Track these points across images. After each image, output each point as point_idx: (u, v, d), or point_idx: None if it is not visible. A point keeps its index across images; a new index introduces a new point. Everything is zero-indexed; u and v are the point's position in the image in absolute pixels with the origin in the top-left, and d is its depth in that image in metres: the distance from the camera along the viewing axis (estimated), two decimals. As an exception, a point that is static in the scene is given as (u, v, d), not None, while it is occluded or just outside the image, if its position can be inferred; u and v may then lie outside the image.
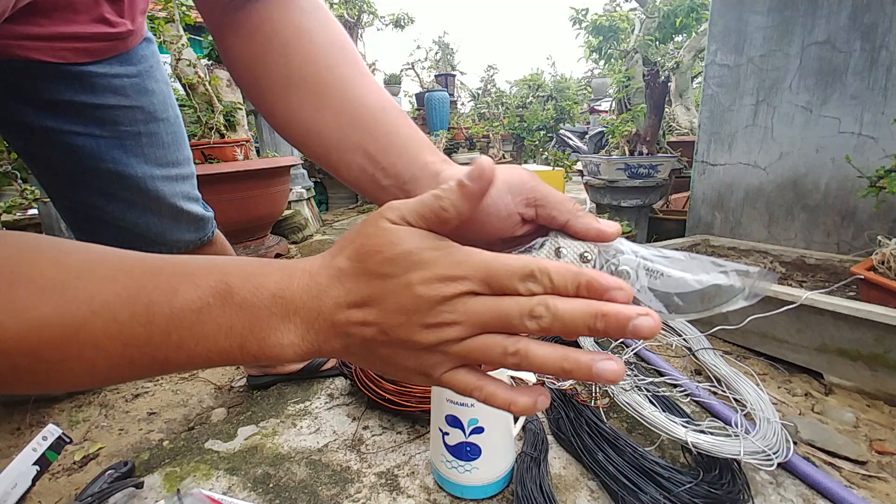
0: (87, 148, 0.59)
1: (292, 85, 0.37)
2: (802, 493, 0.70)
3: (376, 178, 0.35)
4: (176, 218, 0.71)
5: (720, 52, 1.54)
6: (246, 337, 0.26)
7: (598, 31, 2.35)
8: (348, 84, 0.36)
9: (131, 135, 0.62)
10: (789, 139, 1.40)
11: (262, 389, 1.02)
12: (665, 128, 2.44)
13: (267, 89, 0.38)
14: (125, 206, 0.65)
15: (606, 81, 5.04)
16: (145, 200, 0.66)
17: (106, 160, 0.60)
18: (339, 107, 0.35)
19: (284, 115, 0.38)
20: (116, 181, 0.62)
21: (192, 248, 0.77)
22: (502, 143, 4.73)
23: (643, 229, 1.90)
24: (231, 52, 0.40)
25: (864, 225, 1.27)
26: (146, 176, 0.64)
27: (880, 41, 1.20)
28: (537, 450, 0.78)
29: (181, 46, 1.82)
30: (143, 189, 0.65)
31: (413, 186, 0.33)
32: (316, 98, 0.36)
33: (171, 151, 0.68)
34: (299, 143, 0.38)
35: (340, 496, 0.73)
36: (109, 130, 0.60)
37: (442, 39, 5.39)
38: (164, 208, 0.69)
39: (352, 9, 4.07)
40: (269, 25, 0.38)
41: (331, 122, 0.36)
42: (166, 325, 0.25)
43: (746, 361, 1.09)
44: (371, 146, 0.34)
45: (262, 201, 1.92)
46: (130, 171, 0.62)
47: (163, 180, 0.67)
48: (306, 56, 0.37)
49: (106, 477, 0.73)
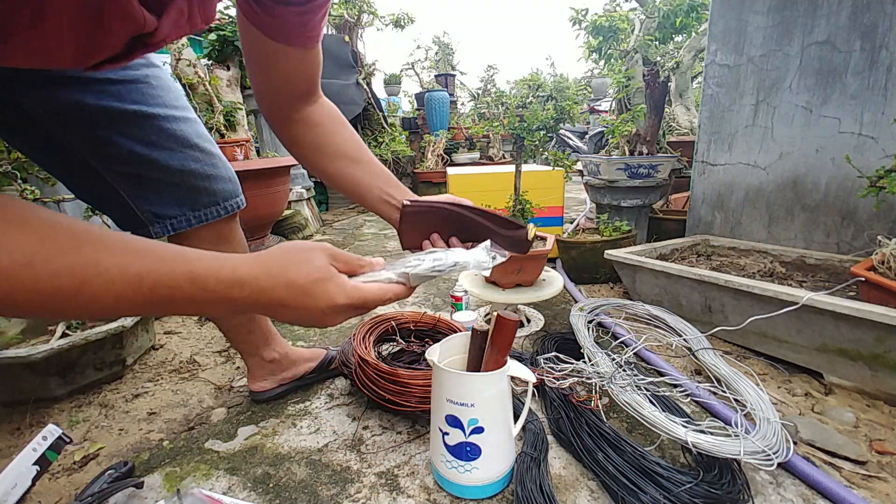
0: (110, 92, 0.65)
1: (340, 157, 0.66)
2: (802, 493, 0.70)
3: (386, 200, 0.67)
4: (213, 161, 0.78)
5: (720, 52, 1.54)
6: (209, 312, 0.41)
7: (597, 32, 2.35)
8: (373, 162, 0.68)
9: (141, 78, 0.68)
10: (789, 139, 1.40)
11: (266, 403, 1.00)
12: (665, 128, 2.44)
13: (319, 157, 0.66)
14: (167, 154, 0.71)
15: (606, 81, 5.04)
16: (178, 145, 0.72)
17: (128, 102, 0.66)
18: (370, 172, 0.67)
19: (333, 171, 0.66)
20: (145, 124, 0.69)
21: (237, 204, 0.85)
22: (502, 143, 4.74)
23: (643, 229, 1.90)
24: (295, 137, 0.65)
25: (864, 225, 1.27)
26: (167, 116, 0.71)
27: (880, 41, 1.20)
28: (537, 450, 0.78)
29: (181, 46, 1.82)
30: (170, 131, 0.71)
31: (399, 197, 0.67)
32: (356, 165, 0.67)
33: (179, 96, 0.75)
34: (334, 183, 0.67)
35: (340, 496, 0.73)
36: (122, 74, 0.66)
37: (442, 39, 5.39)
38: (197, 150, 0.75)
39: (352, 9, 4.07)
40: (321, 126, 0.65)
41: (364, 177, 0.67)
42: (149, 293, 0.35)
43: (746, 361, 1.09)
44: (386, 188, 0.67)
45: (262, 201, 1.92)
46: (152, 110, 0.69)
47: (183, 122, 0.73)
48: (345, 143, 0.67)
49: (106, 477, 0.73)
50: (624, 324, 1.24)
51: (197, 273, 0.36)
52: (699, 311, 1.20)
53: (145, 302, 0.35)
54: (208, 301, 0.38)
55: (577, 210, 3.01)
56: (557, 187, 1.90)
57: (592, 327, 1.17)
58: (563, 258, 1.69)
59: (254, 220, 1.96)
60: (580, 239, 1.64)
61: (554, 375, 0.92)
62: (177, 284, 0.35)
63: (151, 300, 0.35)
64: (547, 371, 0.94)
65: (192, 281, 0.36)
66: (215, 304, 0.39)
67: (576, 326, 1.14)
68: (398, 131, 4.33)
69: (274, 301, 0.41)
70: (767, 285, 1.02)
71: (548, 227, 1.90)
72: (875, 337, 0.87)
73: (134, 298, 0.34)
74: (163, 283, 0.35)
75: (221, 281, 0.38)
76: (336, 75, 3.76)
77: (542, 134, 1.24)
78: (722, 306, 1.14)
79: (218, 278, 0.37)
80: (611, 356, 0.99)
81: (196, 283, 0.36)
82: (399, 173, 4.09)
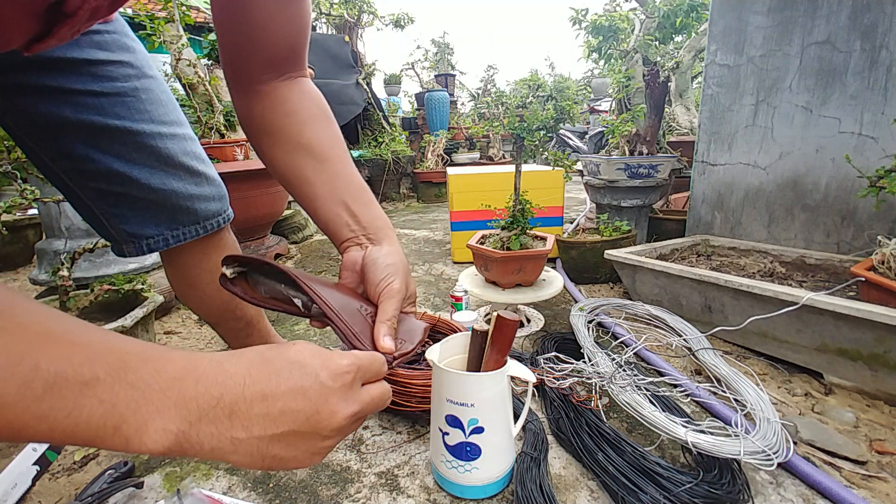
0: (92, 106, 0.60)
1: (301, 149, 0.51)
2: (802, 493, 0.70)
3: (348, 224, 0.50)
4: (197, 181, 0.72)
5: (720, 52, 1.54)
6: (126, 418, 0.26)
7: (597, 32, 2.35)
8: (342, 164, 0.53)
9: (128, 91, 0.63)
10: (789, 139, 1.40)
11: None
12: (665, 128, 2.44)
13: (276, 146, 0.52)
14: (147, 172, 0.65)
15: (606, 81, 5.05)
16: (160, 163, 0.67)
17: (111, 116, 0.61)
18: (333, 174, 0.52)
19: (284, 166, 0.52)
20: (128, 140, 0.63)
21: (220, 222, 0.77)
22: (502, 143, 4.74)
23: (643, 229, 1.90)
24: (252, 111, 0.52)
25: (864, 225, 1.27)
26: (153, 133, 0.65)
27: (880, 41, 1.20)
28: (537, 450, 0.78)
29: (181, 46, 1.82)
30: (154, 149, 0.65)
31: (375, 235, 0.50)
32: (318, 164, 0.51)
33: (171, 110, 0.69)
34: (289, 184, 0.53)
35: (340, 496, 0.73)
36: (108, 86, 0.61)
37: (441, 40, 5.39)
38: (181, 170, 0.69)
39: (352, 9, 4.07)
40: (289, 104, 0.52)
41: (325, 182, 0.51)
42: (42, 392, 0.24)
43: (746, 361, 1.09)
44: (353, 205, 0.51)
45: (262, 201, 1.92)
46: (137, 126, 0.63)
47: (170, 139, 0.67)
48: (315, 135, 0.52)
49: (106, 477, 0.73)
50: (624, 324, 1.24)
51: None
52: (699, 311, 1.20)
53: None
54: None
55: (577, 210, 3.01)
56: (557, 187, 1.90)
57: (592, 327, 1.17)
58: (563, 258, 1.69)
59: (253, 221, 1.96)
60: (580, 239, 1.64)
61: (554, 375, 0.92)
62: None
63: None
64: (547, 371, 0.94)
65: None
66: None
67: (576, 326, 1.14)
68: (398, 131, 4.33)
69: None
70: (767, 285, 1.02)
71: (548, 227, 1.90)
72: (875, 337, 0.87)
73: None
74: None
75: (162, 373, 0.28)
76: (336, 75, 3.76)
77: (542, 134, 1.24)
78: (722, 306, 1.14)
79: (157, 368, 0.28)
80: (611, 356, 0.99)
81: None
82: (399, 173, 4.09)
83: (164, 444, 0.27)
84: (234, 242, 0.83)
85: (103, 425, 0.25)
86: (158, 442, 0.26)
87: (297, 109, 0.52)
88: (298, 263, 2.15)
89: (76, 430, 0.25)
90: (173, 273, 0.78)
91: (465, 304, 1.27)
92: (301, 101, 0.53)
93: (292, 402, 0.30)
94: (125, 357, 0.27)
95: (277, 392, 0.30)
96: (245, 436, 0.29)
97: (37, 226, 2.26)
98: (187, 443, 0.27)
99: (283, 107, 0.52)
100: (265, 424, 0.29)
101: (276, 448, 0.30)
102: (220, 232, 0.79)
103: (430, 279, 1.85)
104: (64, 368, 0.24)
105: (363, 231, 0.50)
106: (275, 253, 2.09)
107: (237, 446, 0.29)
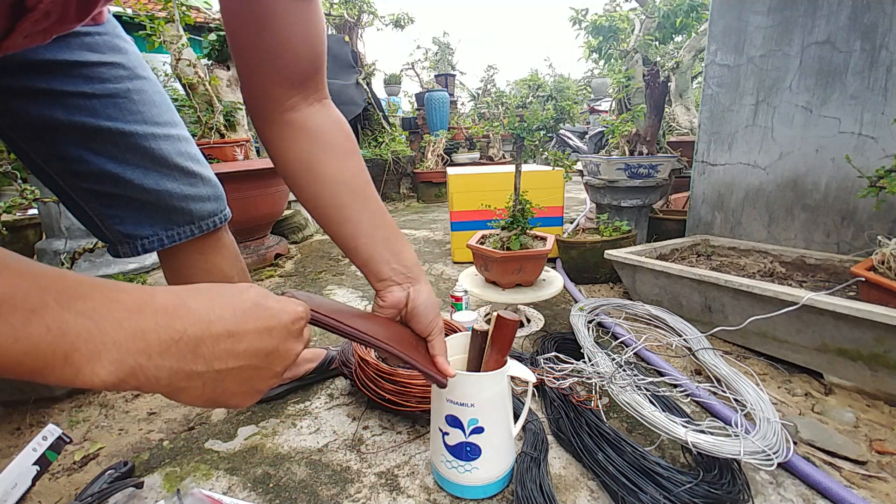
0: (84, 107, 0.59)
1: (343, 186, 0.53)
2: (802, 493, 0.70)
3: (389, 263, 0.54)
4: (192, 182, 0.72)
5: (720, 52, 1.54)
6: (78, 347, 0.25)
7: (597, 32, 2.35)
8: (377, 201, 0.56)
9: (121, 92, 0.62)
10: (789, 139, 1.40)
11: (266, 403, 1.01)
12: (665, 128, 2.44)
13: (316, 182, 0.52)
14: (141, 173, 0.65)
15: (606, 81, 5.04)
16: (154, 164, 0.66)
17: (103, 118, 0.61)
18: (375, 212, 0.54)
19: (326, 203, 0.53)
20: (121, 142, 0.63)
21: (216, 222, 0.77)
22: (502, 143, 4.74)
23: (643, 229, 1.90)
24: (288, 147, 0.52)
25: (864, 225, 1.27)
26: (146, 134, 0.65)
27: (880, 41, 1.20)
28: (537, 450, 0.78)
29: (181, 46, 1.82)
30: (148, 150, 0.65)
31: (413, 274, 0.56)
32: (361, 202, 0.54)
33: (164, 111, 0.68)
34: (327, 220, 0.53)
35: (340, 496, 0.73)
36: (99, 88, 0.60)
37: (441, 39, 5.39)
38: (175, 170, 0.69)
39: (352, 9, 4.07)
40: (328, 137, 0.53)
41: (368, 220, 0.54)
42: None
43: (746, 361, 1.09)
44: (395, 244, 0.55)
45: (262, 201, 1.92)
46: (129, 128, 0.63)
47: (164, 140, 0.67)
48: (353, 172, 0.54)
49: (106, 477, 0.73)
50: (624, 324, 1.24)
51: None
52: (699, 311, 1.20)
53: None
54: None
55: (577, 210, 3.01)
56: (557, 187, 1.90)
57: (592, 327, 1.17)
58: (563, 258, 1.69)
59: (254, 220, 1.96)
60: (580, 239, 1.64)
61: (554, 375, 0.92)
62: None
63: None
64: (547, 371, 0.94)
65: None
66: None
67: (576, 326, 1.14)
68: (398, 131, 4.33)
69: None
70: (767, 285, 1.02)
71: (548, 227, 1.90)
72: (875, 337, 0.87)
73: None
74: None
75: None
76: (336, 75, 3.77)
77: (542, 134, 1.24)
78: (722, 306, 1.14)
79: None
80: (611, 356, 0.99)
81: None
82: (399, 173, 4.09)
83: (118, 375, 0.26)
84: (232, 243, 0.83)
85: (52, 353, 0.24)
86: (112, 373, 0.26)
87: (334, 144, 0.53)
88: (298, 263, 2.15)
89: (24, 358, 0.24)
90: (171, 273, 0.78)
91: (465, 304, 1.27)
92: (336, 135, 0.54)
93: (258, 340, 0.32)
94: (77, 286, 0.26)
95: (243, 330, 0.31)
96: (204, 369, 0.29)
97: (37, 226, 2.26)
98: (143, 376, 0.27)
99: (322, 139, 0.52)
100: (227, 359, 0.30)
101: (228, 382, 0.31)
102: (218, 232, 0.79)
103: (430, 279, 1.85)
104: (11, 294, 0.24)
105: (404, 270, 0.55)
106: (275, 253, 2.09)
107: (192, 380, 0.29)
